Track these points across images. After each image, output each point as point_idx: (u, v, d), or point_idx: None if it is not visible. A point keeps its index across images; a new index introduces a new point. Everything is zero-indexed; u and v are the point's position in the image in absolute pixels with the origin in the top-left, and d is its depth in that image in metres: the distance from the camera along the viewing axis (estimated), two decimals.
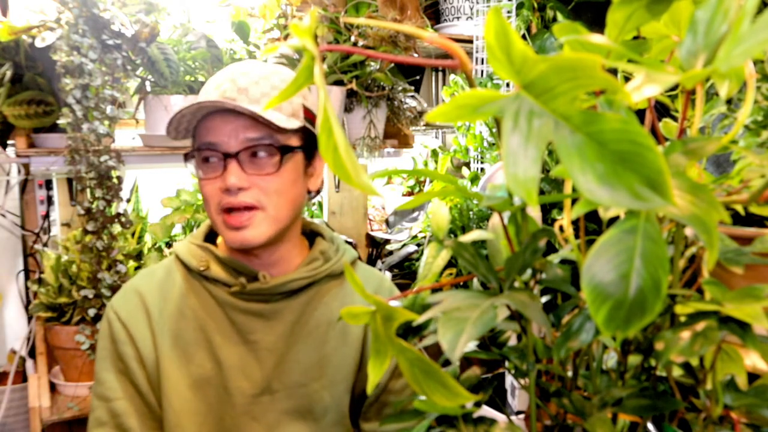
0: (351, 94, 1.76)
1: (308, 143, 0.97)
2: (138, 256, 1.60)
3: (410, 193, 2.69)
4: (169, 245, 1.90)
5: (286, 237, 0.99)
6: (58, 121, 1.42)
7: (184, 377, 0.95)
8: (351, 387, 1.03)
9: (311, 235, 1.09)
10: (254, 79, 0.93)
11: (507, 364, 0.53)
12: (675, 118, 0.66)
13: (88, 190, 1.44)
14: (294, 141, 0.95)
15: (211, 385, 0.96)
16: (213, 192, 0.93)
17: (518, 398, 1.55)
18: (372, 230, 2.41)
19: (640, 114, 0.44)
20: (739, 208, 0.53)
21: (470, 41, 2.20)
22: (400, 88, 1.84)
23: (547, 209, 1.77)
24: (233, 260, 0.98)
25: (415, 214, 2.39)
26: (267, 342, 0.97)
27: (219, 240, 1.06)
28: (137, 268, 1.58)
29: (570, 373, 0.53)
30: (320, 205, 2.34)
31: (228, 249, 1.01)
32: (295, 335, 0.99)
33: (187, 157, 0.96)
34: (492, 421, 0.50)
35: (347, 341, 1.02)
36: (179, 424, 0.94)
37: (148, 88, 1.57)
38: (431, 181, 2.63)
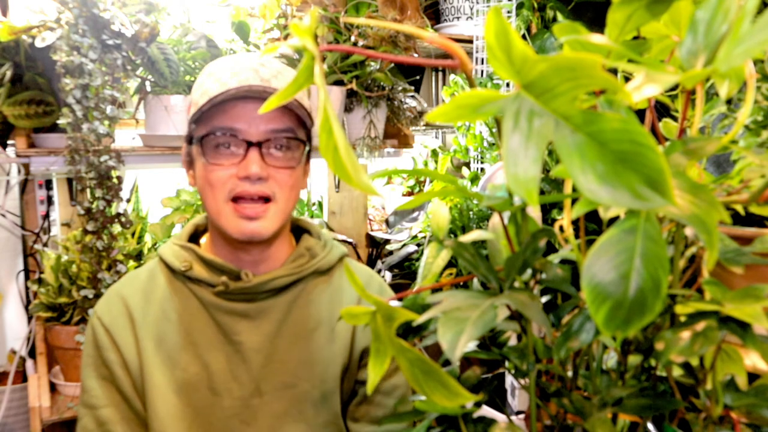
0: (351, 94, 1.76)
1: (308, 140, 0.98)
2: (138, 256, 1.60)
3: (410, 193, 2.69)
4: None
5: (280, 233, 0.98)
6: (58, 121, 1.42)
7: (169, 382, 0.93)
8: (340, 387, 1.00)
9: (298, 231, 1.08)
10: (273, 73, 0.91)
11: (507, 364, 0.53)
12: (675, 118, 0.66)
13: (88, 190, 1.44)
14: (302, 136, 0.95)
15: (198, 389, 0.94)
16: (225, 178, 0.90)
17: (518, 398, 1.55)
18: (372, 230, 2.41)
19: (641, 114, 0.44)
20: (739, 208, 0.53)
21: (470, 41, 2.20)
22: (400, 88, 1.84)
23: (547, 209, 1.77)
24: (216, 260, 0.96)
25: (415, 214, 2.39)
26: (253, 342, 0.95)
27: (203, 241, 1.04)
28: (137, 268, 1.58)
29: (570, 373, 0.53)
30: (320, 205, 2.34)
31: (213, 248, 0.99)
32: (282, 334, 0.97)
33: (196, 142, 0.92)
34: (492, 421, 0.50)
35: (335, 339, 1.00)
36: (164, 430, 0.92)
37: (148, 88, 1.57)
38: (431, 181, 2.63)
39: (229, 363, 0.95)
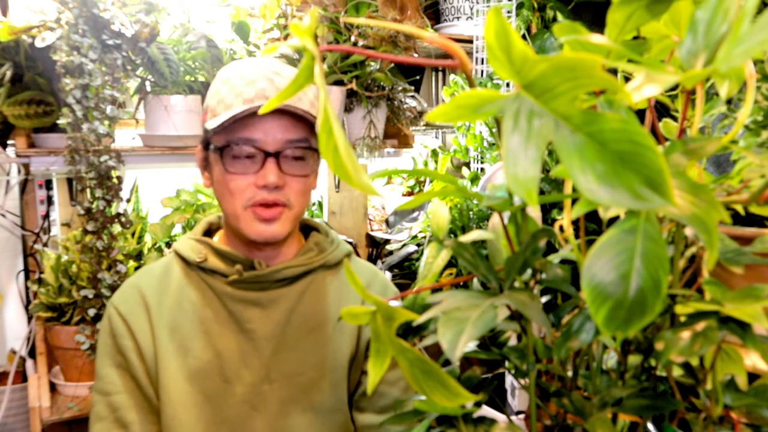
0: (351, 94, 1.76)
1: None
2: (138, 256, 1.60)
3: (410, 193, 2.69)
4: (169, 245, 1.90)
5: (291, 232, 1.02)
6: (58, 121, 1.42)
7: (181, 369, 0.97)
8: (347, 376, 1.04)
9: (306, 229, 1.13)
10: (288, 80, 0.94)
11: (507, 364, 0.53)
12: (675, 118, 0.66)
13: (88, 190, 1.44)
14: (316, 145, 0.98)
15: (210, 377, 0.97)
16: (244, 186, 0.95)
17: (518, 398, 1.55)
18: (372, 230, 2.41)
19: (640, 114, 0.44)
20: (739, 208, 0.53)
21: (470, 41, 2.20)
22: (400, 88, 1.84)
23: (547, 209, 1.77)
24: (231, 251, 1.01)
25: (415, 214, 2.39)
26: (264, 331, 0.99)
27: (216, 238, 1.08)
28: (137, 268, 1.58)
29: (570, 373, 0.53)
30: (320, 205, 2.34)
31: (227, 244, 1.04)
32: (292, 324, 1.01)
33: (214, 150, 0.96)
34: (492, 421, 0.50)
35: (343, 330, 1.04)
36: (176, 416, 0.95)
37: (148, 88, 1.57)
38: (431, 181, 2.63)
39: (240, 350, 0.98)
